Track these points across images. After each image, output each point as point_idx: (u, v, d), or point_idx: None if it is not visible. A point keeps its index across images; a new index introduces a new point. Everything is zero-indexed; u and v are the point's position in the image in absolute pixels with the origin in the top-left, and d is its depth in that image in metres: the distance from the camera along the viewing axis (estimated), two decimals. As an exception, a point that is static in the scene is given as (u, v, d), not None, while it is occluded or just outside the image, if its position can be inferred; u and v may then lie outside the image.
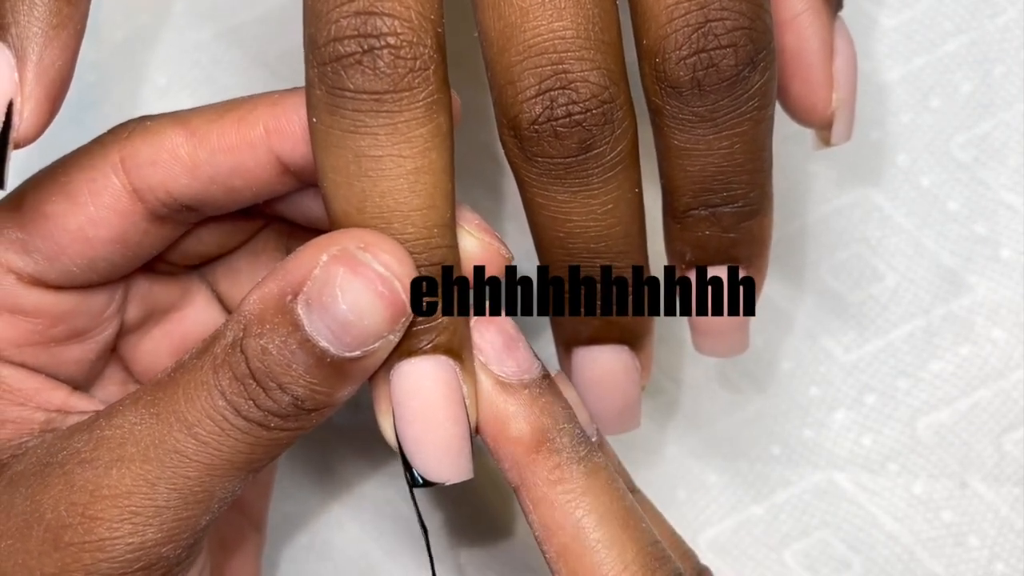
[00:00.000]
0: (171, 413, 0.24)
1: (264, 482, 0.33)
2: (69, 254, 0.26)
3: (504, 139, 0.25)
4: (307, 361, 0.24)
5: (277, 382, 0.24)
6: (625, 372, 0.29)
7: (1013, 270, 0.35)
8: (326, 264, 0.24)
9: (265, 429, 0.24)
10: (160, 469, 0.24)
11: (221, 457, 0.24)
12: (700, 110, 0.25)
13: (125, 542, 0.24)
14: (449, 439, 0.25)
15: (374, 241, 0.24)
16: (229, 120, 0.26)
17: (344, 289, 0.23)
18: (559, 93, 0.24)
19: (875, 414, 0.35)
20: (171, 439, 0.24)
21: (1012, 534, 0.34)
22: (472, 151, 0.35)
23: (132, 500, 0.24)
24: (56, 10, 0.23)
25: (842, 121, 0.28)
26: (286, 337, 0.24)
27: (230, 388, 0.24)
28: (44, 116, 0.24)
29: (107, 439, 0.25)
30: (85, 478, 0.25)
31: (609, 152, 0.25)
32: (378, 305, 0.23)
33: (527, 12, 0.24)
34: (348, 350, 0.24)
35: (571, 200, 0.25)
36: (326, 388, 0.24)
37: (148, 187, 0.26)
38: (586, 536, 0.25)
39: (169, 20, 0.37)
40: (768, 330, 0.35)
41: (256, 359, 0.24)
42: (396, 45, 0.23)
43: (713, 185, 0.26)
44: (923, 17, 0.35)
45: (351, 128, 0.24)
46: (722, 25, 0.24)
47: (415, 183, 0.24)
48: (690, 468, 0.36)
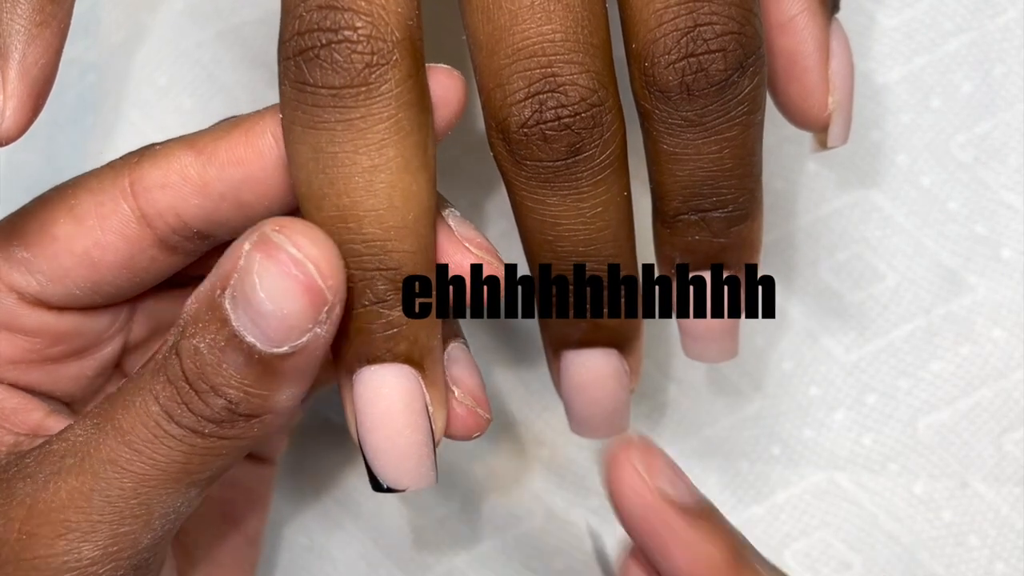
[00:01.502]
0: (108, 422, 0.24)
1: (260, 496, 0.33)
2: (73, 276, 0.26)
3: (493, 142, 0.25)
4: (237, 359, 0.23)
5: (209, 383, 0.23)
6: (614, 375, 0.28)
7: (1014, 270, 0.35)
8: (248, 253, 0.23)
9: (199, 436, 0.24)
10: (94, 480, 0.23)
11: (155, 467, 0.24)
12: (689, 115, 0.25)
13: (60, 560, 0.23)
14: (408, 447, 0.25)
15: (288, 224, 0.23)
16: (237, 133, 0.26)
17: (261, 276, 0.22)
18: (548, 96, 0.24)
19: (876, 414, 0.35)
20: (105, 448, 0.24)
21: (1012, 534, 0.34)
22: (472, 150, 0.35)
23: (67, 514, 0.23)
24: (39, 7, 0.23)
25: (839, 124, 0.28)
26: (215, 334, 0.23)
27: (163, 392, 0.23)
28: (27, 115, 0.23)
29: (52, 452, 0.24)
30: (24, 492, 0.24)
31: (598, 155, 0.25)
32: (294, 291, 0.22)
33: (516, 15, 0.24)
34: (274, 345, 0.23)
35: (560, 204, 0.25)
36: (260, 390, 0.23)
37: (157, 212, 0.26)
38: None
39: (169, 20, 0.37)
40: (768, 330, 0.35)
41: (189, 359, 0.23)
42: (353, 40, 0.23)
43: (702, 190, 0.26)
44: (923, 17, 0.35)
45: (311, 124, 0.23)
46: (711, 30, 0.24)
47: (371, 182, 0.23)
48: (690, 468, 0.35)
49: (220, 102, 0.37)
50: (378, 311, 0.24)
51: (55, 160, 0.36)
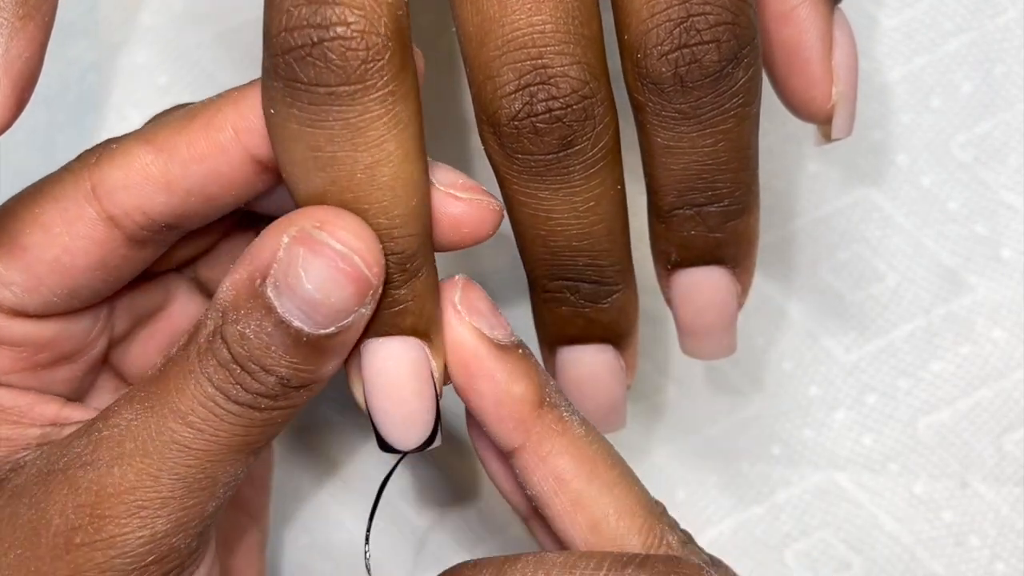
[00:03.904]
0: (164, 405, 0.24)
1: (260, 476, 0.33)
2: (48, 284, 0.26)
3: (484, 136, 0.25)
4: (285, 341, 0.24)
5: (260, 364, 0.24)
6: (610, 371, 0.28)
7: (1014, 270, 0.35)
8: (288, 246, 0.23)
9: (257, 410, 0.24)
10: (161, 461, 0.24)
11: (219, 442, 0.24)
12: (683, 107, 0.25)
13: (135, 536, 0.24)
14: (415, 412, 0.25)
15: (329, 219, 0.23)
16: (195, 127, 0.25)
17: (307, 269, 0.23)
18: (539, 88, 0.24)
19: (876, 414, 0.35)
20: (167, 431, 0.24)
21: (1013, 534, 0.34)
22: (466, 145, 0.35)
23: (137, 495, 0.24)
24: (22, 1, 0.23)
25: (843, 115, 0.28)
26: (261, 320, 0.24)
27: (216, 375, 0.24)
28: (11, 109, 0.23)
29: (106, 439, 0.25)
30: (89, 479, 0.25)
31: (591, 148, 0.25)
32: (342, 282, 0.23)
33: (505, 6, 0.24)
34: (322, 328, 0.23)
35: (553, 197, 0.25)
36: (309, 366, 0.24)
37: (124, 212, 0.26)
38: (602, 476, 0.26)
39: (169, 20, 0.37)
40: (768, 330, 0.35)
41: (236, 344, 0.24)
42: (346, 36, 0.23)
43: (697, 184, 0.26)
44: (924, 17, 0.35)
45: (308, 122, 0.23)
46: (704, 20, 0.24)
47: (373, 177, 0.23)
48: (690, 468, 0.35)
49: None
50: (386, 292, 0.24)
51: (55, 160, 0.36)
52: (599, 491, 0.26)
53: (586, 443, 0.26)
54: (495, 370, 0.26)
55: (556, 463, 0.26)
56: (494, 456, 0.28)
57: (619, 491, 0.26)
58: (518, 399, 0.26)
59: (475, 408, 0.26)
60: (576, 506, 0.26)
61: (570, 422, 0.26)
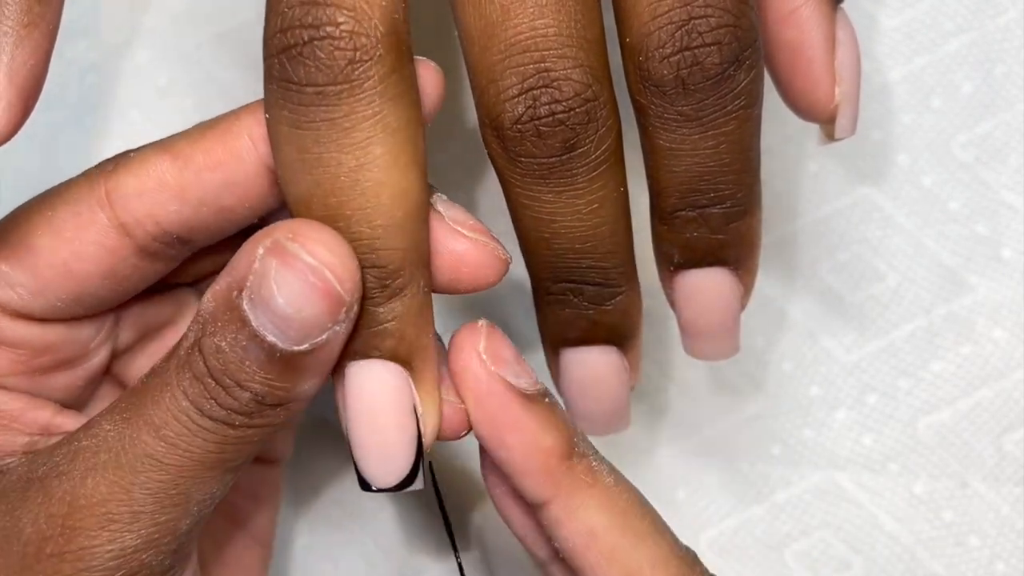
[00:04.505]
0: (140, 417, 0.24)
1: (267, 498, 0.33)
2: (54, 288, 0.26)
3: (487, 139, 0.25)
4: (259, 356, 0.23)
5: (234, 379, 0.23)
6: (614, 373, 0.28)
7: (1014, 270, 0.35)
8: (262, 258, 0.23)
9: (231, 427, 0.24)
10: (133, 474, 0.24)
11: (192, 458, 0.24)
12: (685, 109, 0.25)
13: (105, 549, 0.24)
14: (391, 445, 0.25)
15: (303, 231, 0.23)
16: (214, 136, 0.25)
17: (279, 283, 0.23)
18: (541, 92, 0.24)
19: (876, 414, 0.35)
20: (141, 443, 0.24)
21: (1013, 534, 0.34)
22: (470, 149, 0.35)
23: (108, 507, 0.24)
24: (27, 8, 0.23)
25: (846, 115, 0.28)
26: (236, 334, 0.23)
27: (191, 388, 0.24)
28: (17, 117, 0.23)
29: (84, 449, 0.24)
30: (63, 489, 0.24)
31: (594, 151, 0.25)
32: (312, 297, 0.23)
33: (508, 9, 0.24)
34: (295, 344, 0.23)
35: (556, 200, 0.25)
36: (284, 383, 0.24)
37: (136, 220, 0.26)
38: (634, 527, 0.26)
39: (169, 21, 0.37)
40: (768, 330, 0.35)
41: (212, 357, 0.23)
42: (335, 36, 0.23)
43: (700, 185, 0.26)
44: (924, 17, 0.35)
45: (297, 123, 0.23)
46: (706, 23, 0.24)
47: (356, 181, 0.23)
48: (690, 468, 0.36)
49: (220, 102, 0.36)
50: (366, 309, 0.24)
51: (55, 160, 0.36)
52: (632, 544, 0.26)
53: (617, 493, 0.26)
54: (523, 421, 0.25)
55: (588, 517, 0.26)
56: (514, 504, 0.28)
57: (652, 541, 0.26)
58: (547, 451, 0.25)
59: (502, 461, 0.26)
60: (610, 561, 0.25)
61: (599, 472, 0.26)
